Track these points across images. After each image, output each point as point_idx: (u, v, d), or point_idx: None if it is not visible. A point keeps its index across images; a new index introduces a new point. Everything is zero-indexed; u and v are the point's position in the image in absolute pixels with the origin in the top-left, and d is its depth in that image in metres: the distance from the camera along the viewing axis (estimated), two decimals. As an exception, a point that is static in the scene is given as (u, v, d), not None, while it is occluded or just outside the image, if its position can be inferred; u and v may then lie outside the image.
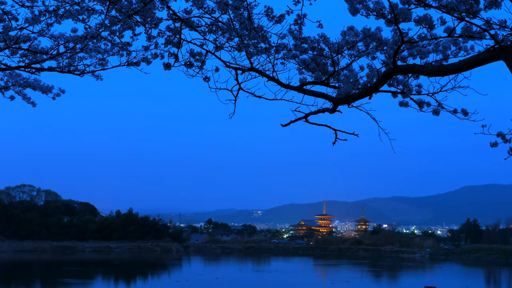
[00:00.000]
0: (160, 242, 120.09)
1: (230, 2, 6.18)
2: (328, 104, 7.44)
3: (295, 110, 7.60)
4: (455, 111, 7.11)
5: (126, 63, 7.51)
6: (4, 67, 7.80)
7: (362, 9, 6.33)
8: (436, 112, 7.26)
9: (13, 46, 7.38)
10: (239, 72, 7.40)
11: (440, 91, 7.14)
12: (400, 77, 7.23)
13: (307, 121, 7.70)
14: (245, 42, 6.72)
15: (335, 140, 7.90)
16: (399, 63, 6.80)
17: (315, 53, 7.15)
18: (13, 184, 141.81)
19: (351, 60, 7.22)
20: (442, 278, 64.14)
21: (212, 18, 6.54)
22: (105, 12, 6.55)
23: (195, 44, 6.99)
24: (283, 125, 7.84)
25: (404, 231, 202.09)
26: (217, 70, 7.24)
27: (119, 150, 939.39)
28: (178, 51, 6.99)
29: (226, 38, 6.82)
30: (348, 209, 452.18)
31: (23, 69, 7.87)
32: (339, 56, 7.14)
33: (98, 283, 54.39)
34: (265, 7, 6.32)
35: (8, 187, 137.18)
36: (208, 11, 6.40)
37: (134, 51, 7.35)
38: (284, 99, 7.55)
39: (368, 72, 7.32)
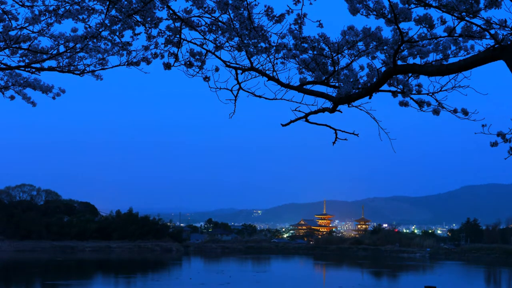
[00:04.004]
0: (160, 242, 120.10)
1: (230, 1, 6.17)
2: (328, 104, 7.44)
3: (295, 110, 7.59)
4: (455, 111, 7.11)
5: (126, 63, 7.50)
6: (4, 66, 7.80)
7: (362, 9, 6.33)
8: (436, 112, 7.25)
9: (13, 46, 7.38)
10: (239, 71, 7.39)
11: (440, 90, 7.13)
12: (400, 76, 7.23)
13: (307, 120, 7.70)
14: (245, 41, 6.72)
15: (335, 140, 7.90)
16: (399, 62, 6.79)
17: (315, 52, 7.15)
18: (13, 183, 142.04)
19: (351, 60, 7.21)
20: (442, 277, 64.13)
21: (212, 18, 6.54)
22: (105, 12, 6.56)
23: (195, 43, 6.99)
24: (283, 125, 7.84)
25: (404, 230, 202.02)
26: (217, 69, 7.23)
27: (119, 150, 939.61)
28: (178, 50, 6.99)
29: (226, 37, 6.81)
30: (348, 209, 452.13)
31: (23, 68, 7.86)
32: (339, 55, 7.14)
33: (98, 283, 54.38)
34: (265, 6, 6.32)
35: (8, 186, 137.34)
36: (208, 10, 6.39)
37: (134, 50, 7.35)
38: (284, 99, 7.54)
39: (368, 71, 7.32)
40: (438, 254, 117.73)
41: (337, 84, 7.41)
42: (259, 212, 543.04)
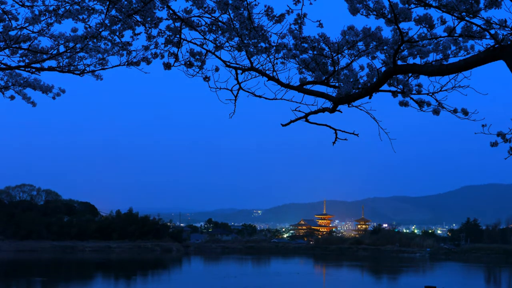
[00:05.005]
0: (160, 242, 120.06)
1: (230, 1, 6.17)
2: (328, 104, 7.43)
3: (295, 110, 7.59)
4: (455, 111, 7.11)
5: (126, 63, 7.50)
6: (4, 66, 7.80)
7: (362, 9, 6.33)
8: (436, 112, 7.25)
9: (13, 46, 7.38)
10: (239, 71, 7.39)
11: (440, 90, 7.13)
12: (400, 76, 7.23)
13: (307, 120, 7.69)
14: (245, 41, 6.72)
15: (335, 140, 7.89)
16: (399, 62, 6.79)
17: (315, 52, 7.14)
18: (13, 183, 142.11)
19: (351, 60, 7.21)
20: (442, 277, 64.11)
21: (212, 18, 6.54)
22: (105, 12, 6.56)
23: (195, 43, 6.98)
24: (283, 125, 7.83)
25: (404, 230, 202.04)
26: (217, 69, 7.23)
27: (119, 150, 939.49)
28: (178, 50, 6.98)
29: (226, 37, 6.81)
30: (348, 209, 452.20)
31: (23, 68, 7.86)
32: (339, 55, 7.13)
33: (98, 283, 54.38)
34: (265, 6, 6.32)
35: (8, 186, 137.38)
36: (208, 10, 6.39)
37: (134, 50, 7.34)
38: (284, 99, 7.54)
39: (368, 71, 7.32)
40: (438, 254, 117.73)
41: (337, 84, 7.41)
42: (259, 212, 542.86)
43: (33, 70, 7.91)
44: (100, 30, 6.90)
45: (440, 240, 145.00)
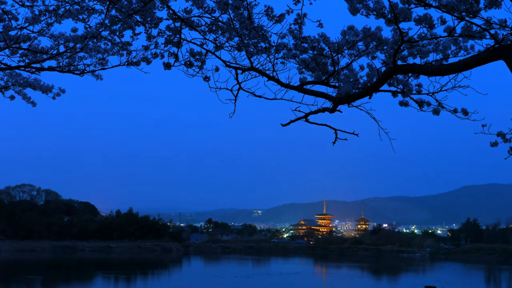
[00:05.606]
0: (160, 242, 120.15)
1: (230, 1, 6.18)
2: (328, 104, 7.43)
3: (295, 110, 7.59)
4: (455, 111, 7.11)
5: (126, 63, 7.50)
6: (4, 66, 7.81)
7: (362, 9, 6.33)
8: (436, 112, 7.25)
9: (13, 46, 7.38)
10: (239, 71, 7.38)
11: (440, 90, 7.13)
12: (400, 76, 7.23)
13: (307, 120, 7.69)
14: (245, 41, 6.72)
15: (335, 140, 7.89)
16: (399, 62, 6.80)
17: (315, 52, 7.15)
18: (13, 183, 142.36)
19: (351, 60, 7.21)
20: (442, 277, 64.12)
21: (212, 18, 6.54)
22: (105, 12, 6.56)
23: (195, 43, 6.98)
24: (283, 125, 7.83)
25: (404, 230, 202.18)
26: (217, 69, 7.23)
27: (119, 149, 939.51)
28: (178, 50, 6.98)
29: (226, 37, 6.82)
30: (348, 209, 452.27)
31: (23, 68, 7.87)
32: (339, 55, 7.14)
33: (98, 283, 54.39)
34: (265, 6, 6.32)
35: (8, 186, 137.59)
36: (208, 10, 6.40)
37: (134, 50, 7.35)
38: (284, 99, 7.54)
39: (368, 71, 7.32)
40: (438, 254, 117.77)
41: (337, 84, 7.41)
42: (259, 212, 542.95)
43: (33, 70, 7.91)
44: (100, 30, 6.90)
45: (440, 240, 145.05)
